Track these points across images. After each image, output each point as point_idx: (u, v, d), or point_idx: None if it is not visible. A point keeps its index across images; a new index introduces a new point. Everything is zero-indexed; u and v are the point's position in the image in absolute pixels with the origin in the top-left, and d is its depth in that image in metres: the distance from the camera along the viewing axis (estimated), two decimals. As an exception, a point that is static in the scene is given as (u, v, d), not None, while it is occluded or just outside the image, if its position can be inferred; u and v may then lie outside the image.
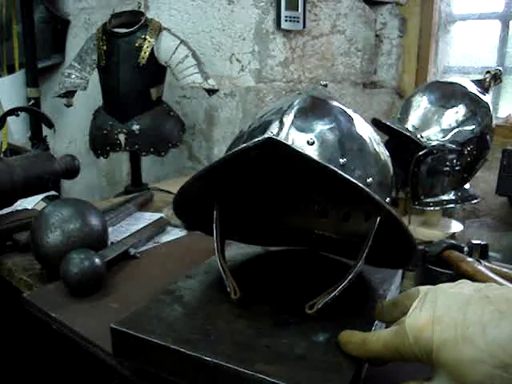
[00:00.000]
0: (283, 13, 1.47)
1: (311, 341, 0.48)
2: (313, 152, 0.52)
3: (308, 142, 0.52)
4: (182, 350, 0.46)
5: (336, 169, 0.47)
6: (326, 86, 0.63)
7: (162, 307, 0.55)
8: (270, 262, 0.70)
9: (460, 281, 0.41)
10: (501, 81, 1.04)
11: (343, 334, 0.46)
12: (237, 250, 0.72)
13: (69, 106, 1.52)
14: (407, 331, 0.39)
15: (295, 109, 0.55)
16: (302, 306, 0.51)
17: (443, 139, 0.96)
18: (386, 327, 0.43)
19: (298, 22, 1.50)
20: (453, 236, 1.02)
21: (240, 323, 0.51)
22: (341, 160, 0.51)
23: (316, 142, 0.52)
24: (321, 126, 0.53)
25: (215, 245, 0.58)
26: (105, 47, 1.38)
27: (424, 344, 0.37)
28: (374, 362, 0.44)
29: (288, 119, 0.54)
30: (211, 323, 0.51)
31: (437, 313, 0.38)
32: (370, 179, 0.53)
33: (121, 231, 0.94)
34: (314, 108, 0.55)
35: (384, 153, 0.58)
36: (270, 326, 0.51)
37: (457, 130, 0.96)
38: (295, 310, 0.52)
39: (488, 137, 0.98)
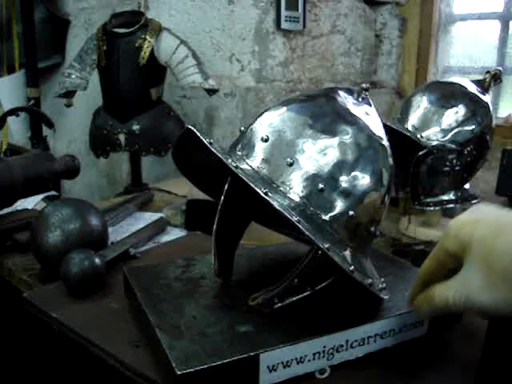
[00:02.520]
0: (283, 13, 1.47)
1: (230, 327, 0.52)
2: (262, 148, 0.52)
3: (262, 138, 0.53)
4: (139, 299, 0.57)
5: (241, 173, 0.48)
6: (367, 89, 0.59)
7: (171, 268, 0.66)
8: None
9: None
10: (501, 81, 1.04)
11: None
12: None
13: (69, 105, 1.52)
14: (449, 228, 0.46)
15: (273, 106, 0.55)
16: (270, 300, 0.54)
17: (443, 139, 0.96)
18: None
19: (297, 22, 1.50)
20: (453, 236, 1.01)
21: (203, 297, 0.58)
22: (288, 159, 0.51)
23: (270, 138, 0.52)
24: (283, 124, 0.53)
25: (215, 224, 0.59)
26: (105, 47, 1.38)
27: (463, 238, 0.44)
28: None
29: (260, 116, 0.55)
30: (185, 290, 0.60)
31: (476, 216, 0.45)
32: (322, 185, 0.50)
33: (121, 231, 0.94)
34: (293, 106, 0.55)
35: (372, 161, 0.53)
36: (221, 305, 0.57)
37: (457, 129, 0.96)
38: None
39: (488, 137, 0.98)
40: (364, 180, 0.52)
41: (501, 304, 0.41)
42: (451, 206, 1.01)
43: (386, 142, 0.56)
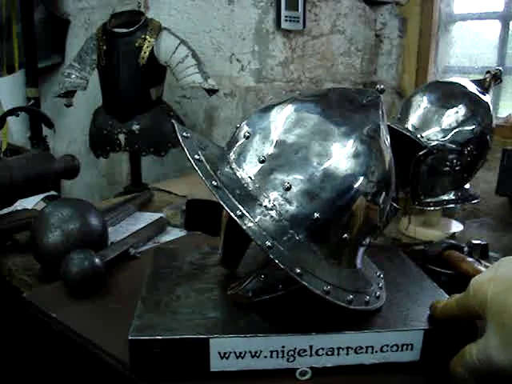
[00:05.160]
0: (283, 13, 1.47)
1: (202, 311, 0.53)
2: (242, 144, 0.53)
3: (244, 135, 0.53)
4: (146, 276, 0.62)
5: (198, 166, 0.49)
6: (382, 91, 0.57)
7: (193, 253, 0.69)
8: None
9: None
10: (501, 81, 1.04)
11: (435, 302, 0.53)
12: None
13: (69, 105, 1.52)
14: (470, 287, 0.46)
15: (263, 105, 0.56)
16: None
17: (443, 139, 0.96)
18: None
19: (298, 21, 1.50)
20: (453, 236, 1.01)
21: (200, 282, 0.61)
22: (261, 156, 0.51)
23: (251, 135, 0.53)
24: (267, 123, 0.53)
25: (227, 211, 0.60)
26: (105, 47, 1.38)
27: (480, 297, 0.44)
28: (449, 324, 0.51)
29: (252, 115, 0.55)
30: (190, 274, 0.63)
31: (496, 273, 0.45)
32: (287, 184, 0.49)
33: (121, 231, 0.94)
34: (285, 106, 0.54)
35: (353, 166, 0.50)
36: (208, 291, 0.58)
37: (457, 129, 0.96)
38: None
39: (488, 137, 0.98)
40: (336, 183, 0.49)
41: None
42: (451, 205, 1.00)
43: (379, 147, 0.52)
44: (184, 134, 0.52)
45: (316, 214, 0.48)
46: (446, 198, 1.00)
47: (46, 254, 0.73)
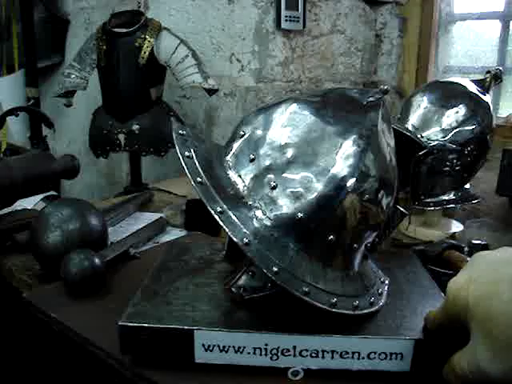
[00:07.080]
0: (283, 12, 1.47)
1: (195, 304, 0.54)
2: (237, 143, 0.53)
3: (240, 134, 0.53)
4: (153, 268, 0.63)
5: (186, 162, 0.50)
6: (386, 92, 0.54)
7: (203, 248, 0.70)
8: None
9: (503, 247, 0.44)
10: (501, 81, 1.04)
11: (428, 312, 0.50)
12: None
13: (68, 105, 1.52)
14: (448, 292, 0.44)
15: (260, 106, 0.56)
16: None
17: (443, 139, 0.96)
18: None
19: (297, 21, 1.50)
20: (453, 236, 1.01)
21: (202, 276, 0.61)
22: (251, 155, 0.51)
23: (246, 135, 0.53)
24: (260, 122, 0.53)
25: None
26: (104, 47, 1.38)
27: (461, 303, 0.42)
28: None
29: (249, 114, 0.55)
30: (195, 268, 0.64)
31: (473, 274, 0.42)
32: (273, 183, 0.49)
33: (121, 231, 0.94)
34: (281, 106, 0.53)
35: (340, 165, 0.48)
36: (206, 285, 0.59)
37: (457, 129, 0.96)
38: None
39: (488, 137, 0.98)
40: (321, 184, 0.48)
41: (510, 374, 0.38)
42: (451, 206, 1.00)
43: (375, 148, 0.51)
44: (180, 131, 0.52)
45: (300, 214, 0.48)
46: (446, 198, 1.00)
47: (46, 254, 0.73)
